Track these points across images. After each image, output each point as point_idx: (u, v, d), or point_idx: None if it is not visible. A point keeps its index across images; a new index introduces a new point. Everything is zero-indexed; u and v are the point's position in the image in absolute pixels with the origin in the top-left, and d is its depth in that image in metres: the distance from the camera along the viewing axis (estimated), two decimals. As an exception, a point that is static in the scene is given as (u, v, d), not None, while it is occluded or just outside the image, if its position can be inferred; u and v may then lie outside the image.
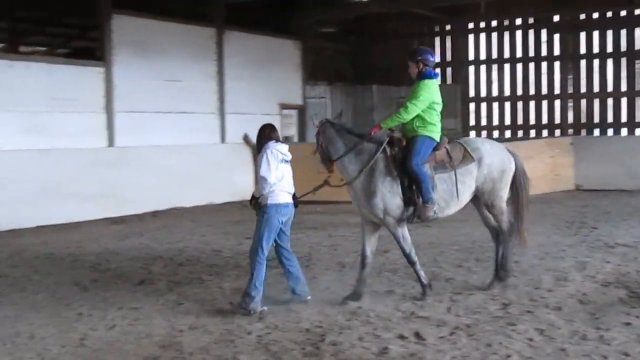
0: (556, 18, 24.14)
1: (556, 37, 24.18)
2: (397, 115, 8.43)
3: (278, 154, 8.07)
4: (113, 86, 16.90)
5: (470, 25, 25.84)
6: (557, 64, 24.22)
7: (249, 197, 8.58)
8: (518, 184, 8.92)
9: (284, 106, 22.46)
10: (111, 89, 16.87)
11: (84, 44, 22.81)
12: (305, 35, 23.16)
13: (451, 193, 8.48)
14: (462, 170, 8.51)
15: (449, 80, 26.34)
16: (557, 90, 24.29)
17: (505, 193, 8.86)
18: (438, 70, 8.50)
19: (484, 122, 26.05)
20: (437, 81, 8.73)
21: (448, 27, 26.12)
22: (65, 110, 15.79)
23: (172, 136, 18.10)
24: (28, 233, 14.27)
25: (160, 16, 18.31)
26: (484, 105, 25.99)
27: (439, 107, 8.61)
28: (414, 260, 8.43)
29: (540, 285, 8.95)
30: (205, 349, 6.75)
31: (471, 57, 25.95)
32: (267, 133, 8.29)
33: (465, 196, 8.66)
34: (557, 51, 24.20)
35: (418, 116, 8.41)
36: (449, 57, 26.25)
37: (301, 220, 15.17)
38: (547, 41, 24.41)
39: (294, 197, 8.35)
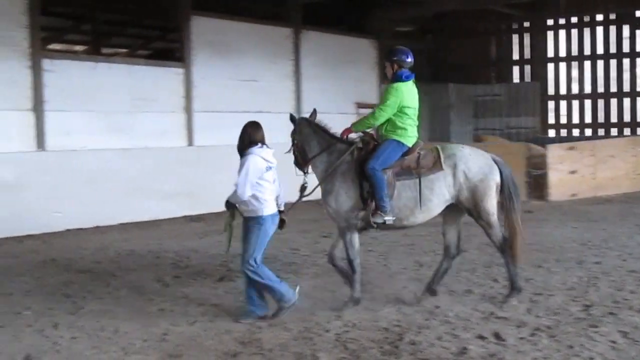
0: (638, 13, 23.58)
1: (638, 32, 23.64)
2: (366, 120, 8.35)
3: (262, 163, 7.62)
4: (192, 86, 17.17)
5: (550, 22, 25.48)
6: (639, 60, 23.67)
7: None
8: (507, 195, 8.32)
9: (360, 105, 22.46)
10: (190, 89, 17.15)
11: (164, 45, 23.31)
12: (382, 34, 23.10)
13: (415, 200, 8.13)
14: (429, 177, 8.12)
15: (527, 78, 26.04)
16: (639, 87, 23.75)
17: (491, 204, 8.22)
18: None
19: (563, 120, 25.65)
20: (410, 84, 8.33)
21: (527, 24, 25.82)
22: (146, 111, 16.12)
23: (249, 135, 18.25)
24: (111, 230, 14.62)
25: (238, 17, 18.54)
26: (563, 104, 25.64)
27: (411, 111, 8.30)
28: (355, 270, 8.29)
29: (624, 286, 8.78)
30: (284, 345, 6.83)
31: (550, 54, 25.57)
32: (250, 134, 7.76)
33: (434, 204, 8.17)
34: (639, 47, 23.65)
35: (388, 120, 8.24)
36: (527, 55, 25.97)
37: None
38: (630, 37, 23.88)
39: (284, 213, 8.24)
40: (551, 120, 25.80)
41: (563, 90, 25.48)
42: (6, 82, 14.05)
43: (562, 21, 25.22)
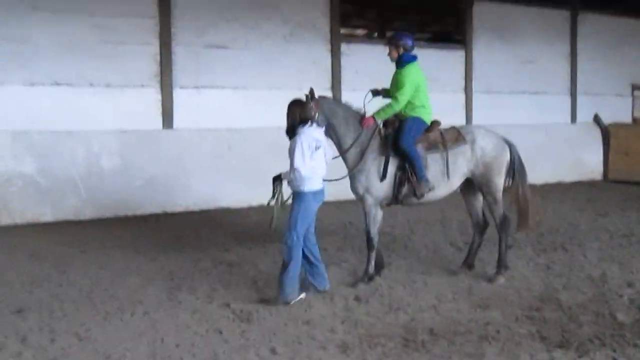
0: None
1: None
2: (389, 108, 8.64)
3: (312, 142, 7.65)
4: (472, 68, 18.08)
5: None
6: None
7: (597, 178, 9.10)
8: (516, 172, 8.93)
9: (636, 87, 22.18)
10: (470, 71, 18.09)
11: (440, 29, 24.30)
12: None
13: (442, 173, 8.62)
14: (454, 151, 8.66)
15: None
16: None
17: (500, 181, 8.84)
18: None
19: None
20: (417, 64, 8.82)
21: None
22: (430, 90, 17.14)
23: (524, 115, 18.87)
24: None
25: (518, 1, 19.10)
26: None
27: (424, 89, 8.77)
28: (374, 245, 8.62)
29: None
30: (582, 305, 7.56)
31: None
32: (297, 113, 7.79)
33: (457, 178, 8.78)
34: None
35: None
36: None
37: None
38: None
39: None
40: None
41: None
42: (311, 64, 15.81)
43: None
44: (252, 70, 15.14)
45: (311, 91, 8.33)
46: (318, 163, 7.76)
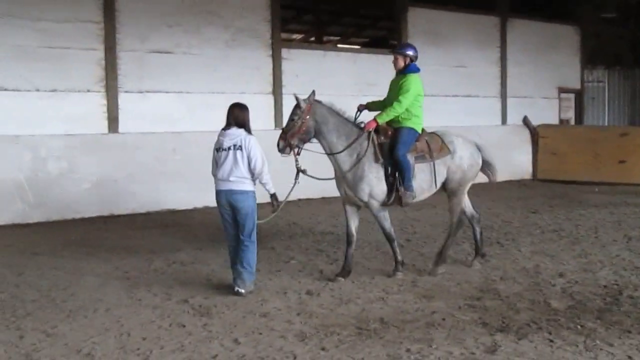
0: None
1: None
2: (392, 110, 8.99)
3: (216, 144, 8.40)
4: (407, 72, 18.69)
5: None
6: None
7: (527, 177, 9.74)
8: (488, 165, 9.91)
9: (562, 90, 23.20)
10: (406, 75, 18.67)
11: (375, 33, 24.95)
12: (586, 20, 23.62)
13: (429, 182, 9.22)
14: (439, 161, 9.21)
15: None
16: None
17: (468, 186, 9.62)
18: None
19: None
20: (419, 75, 9.27)
21: None
22: (368, 94, 17.55)
23: (457, 118, 19.52)
24: (336, 201, 16.21)
25: (450, 7, 19.86)
26: None
27: (421, 99, 9.24)
28: (393, 238, 9.21)
29: None
30: (518, 294, 8.13)
31: None
32: (227, 116, 8.46)
33: (439, 184, 9.33)
34: None
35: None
36: None
37: (583, 199, 16.27)
38: None
39: (274, 197, 9.02)
40: None
41: None
42: (253, 69, 16.22)
43: None
44: (195, 74, 15.47)
45: (308, 96, 9.08)
46: (218, 164, 8.36)
